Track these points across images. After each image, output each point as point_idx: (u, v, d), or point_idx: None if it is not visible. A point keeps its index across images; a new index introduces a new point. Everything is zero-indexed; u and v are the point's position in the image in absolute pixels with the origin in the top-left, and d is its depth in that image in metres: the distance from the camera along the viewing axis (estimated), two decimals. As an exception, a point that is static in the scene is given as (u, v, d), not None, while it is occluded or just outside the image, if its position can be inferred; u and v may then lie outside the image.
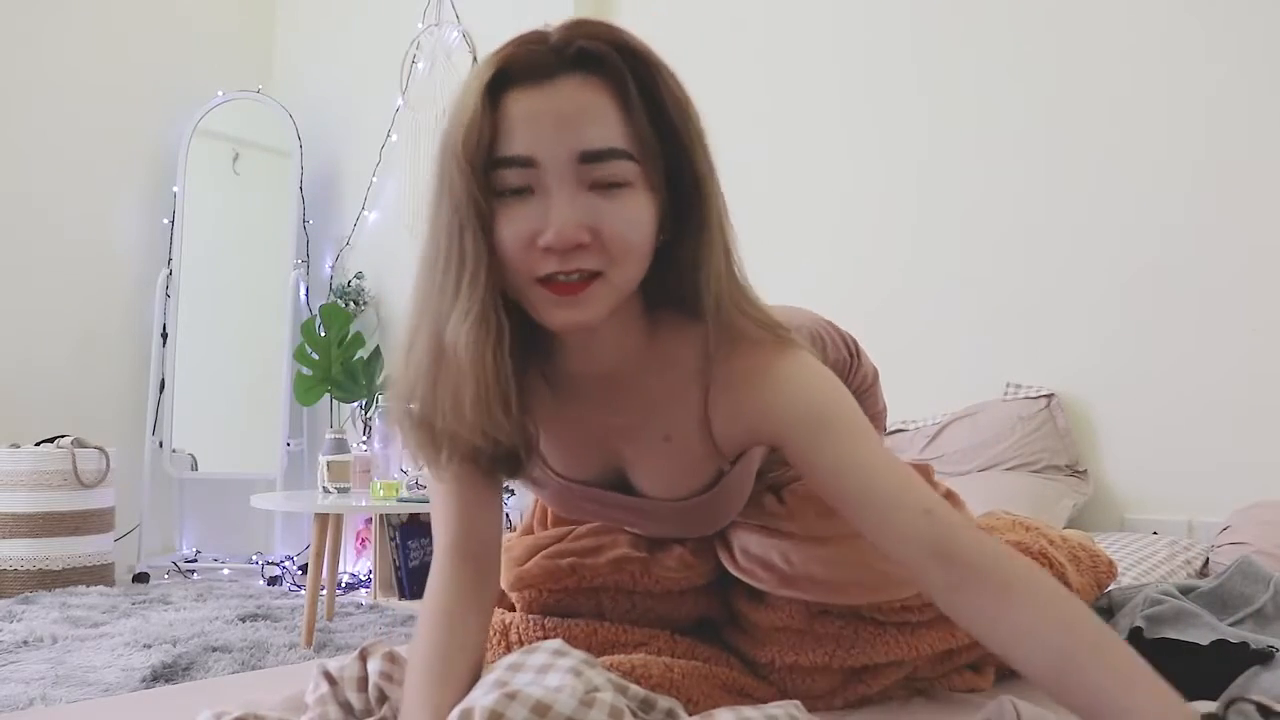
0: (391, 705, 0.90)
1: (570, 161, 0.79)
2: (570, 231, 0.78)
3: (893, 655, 1.06)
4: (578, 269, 0.79)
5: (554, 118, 0.79)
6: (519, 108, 0.80)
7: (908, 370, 2.82)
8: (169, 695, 1.25)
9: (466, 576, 0.91)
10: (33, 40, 3.94)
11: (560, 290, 0.80)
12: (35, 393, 3.89)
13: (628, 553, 1.11)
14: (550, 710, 0.73)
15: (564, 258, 0.79)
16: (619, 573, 1.10)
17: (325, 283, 4.30)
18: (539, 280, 0.80)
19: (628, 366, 0.91)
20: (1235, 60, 2.39)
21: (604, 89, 0.81)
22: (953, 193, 2.83)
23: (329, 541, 2.91)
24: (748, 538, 1.06)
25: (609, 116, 0.80)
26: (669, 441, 0.93)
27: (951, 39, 2.86)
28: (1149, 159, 2.51)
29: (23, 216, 3.91)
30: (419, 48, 4.06)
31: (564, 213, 0.78)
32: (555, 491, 1.04)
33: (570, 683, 0.76)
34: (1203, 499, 2.35)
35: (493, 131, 0.80)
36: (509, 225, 0.80)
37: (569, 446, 0.98)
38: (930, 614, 1.07)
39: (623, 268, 0.81)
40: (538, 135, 0.79)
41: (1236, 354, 2.36)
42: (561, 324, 0.82)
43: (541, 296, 0.81)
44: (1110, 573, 1.29)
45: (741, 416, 0.90)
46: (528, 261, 0.79)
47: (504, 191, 0.80)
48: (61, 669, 2.36)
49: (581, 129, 0.79)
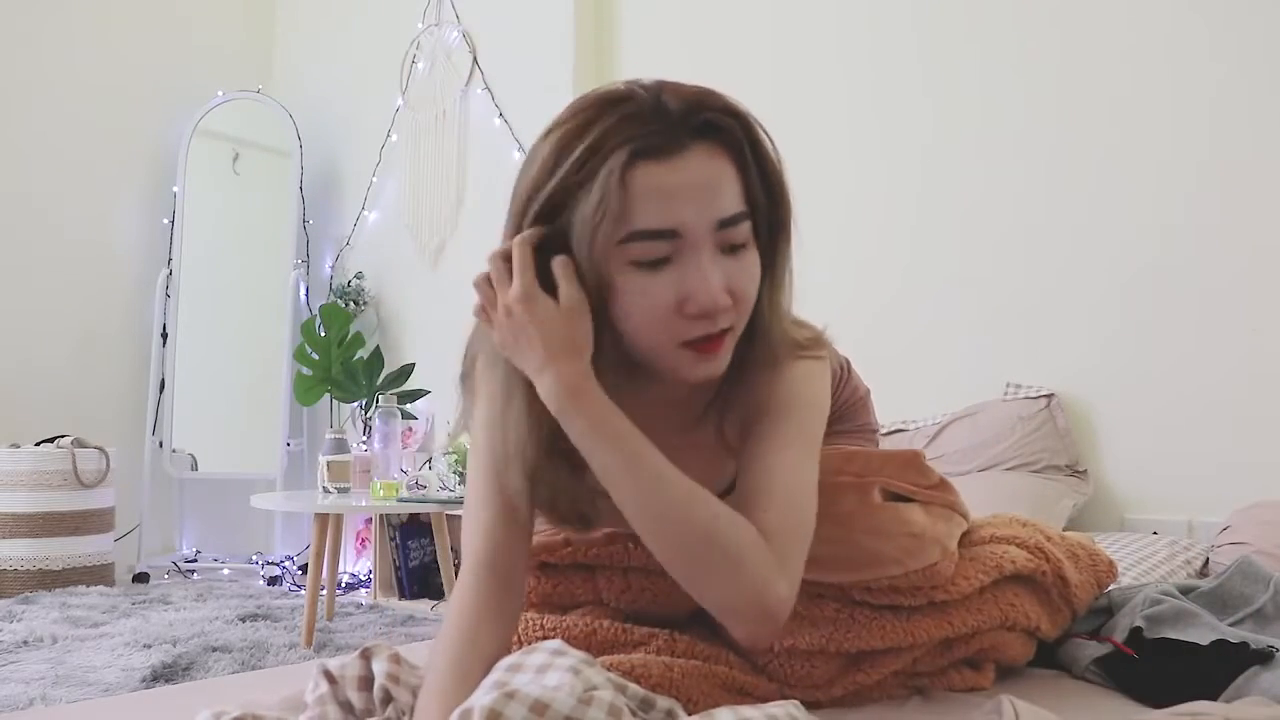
0: (396, 706, 0.90)
1: (710, 230, 0.82)
2: (721, 297, 0.82)
3: (889, 641, 1.06)
4: (721, 329, 0.84)
5: (694, 189, 0.82)
6: (652, 182, 0.81)
7: (908, 370, 2.83)
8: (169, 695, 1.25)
9: (492, 591, 0.93)
10: (33, 40, 3.95)
11: (706, 350, 0.85)
12: (35, 393, 3.89)
13: (618, 530, 1.11)
14: (549, 709, 0.73)
15: (713, 320, 0.83)
16: (613, 544, 1.11)
17: (325, 283, 4.30)
18: (683, 344, 0.84)
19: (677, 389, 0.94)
20: (1237, 60, 2.39)
21: (726, 156, 0.84)
22: (953, 193, 2.83)
23: (329, 541, 2.91)
24: None
25: (733, 183, 0.84)
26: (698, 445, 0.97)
27: (953, 39, 2.86)
28: (1149, 159, 2.51)
29: (23, 216, 3.91)
30: (419, 48, 4.06)
31: (714, 279, 0.82)
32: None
33: (569, 681, 0.76)
34: (1203, 499, 2.35)
35: (622, 208, 0.81)
36: (644, 296, 0.83)
37: None
38: (921, 599, 1.07)
39: (744, 320, 0.87)
40: (679, 207, 0.81)
41: (1236, 354, 2.36)
42: (702, 378, 0.87)
43: (686, 358, 0.85)
44: (1110, 572, 1.29)
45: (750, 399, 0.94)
46: (671, 328, 0.83)
47: (640, 263, 0.82)
48: (61, 669, 2.36)
49: (718, 198, 0.83)
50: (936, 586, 1.08)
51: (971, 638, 1.12)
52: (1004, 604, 1.13)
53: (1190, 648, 1.14)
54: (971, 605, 1.11)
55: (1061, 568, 1.19)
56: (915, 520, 1.07)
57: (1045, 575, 1.18)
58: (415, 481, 2.87)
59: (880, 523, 1.05)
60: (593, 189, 0.80)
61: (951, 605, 1.09)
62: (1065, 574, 1.19)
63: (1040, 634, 1.20)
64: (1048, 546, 1.20)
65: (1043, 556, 1.18)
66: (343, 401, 4.06)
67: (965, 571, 1.11)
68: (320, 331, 3.93)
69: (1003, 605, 1.13)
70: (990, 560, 1.13)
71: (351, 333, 3.94)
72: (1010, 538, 1.19)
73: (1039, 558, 1.18)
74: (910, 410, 2.75)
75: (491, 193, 3.83)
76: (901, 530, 1.05)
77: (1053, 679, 1.20)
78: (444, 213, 3.95)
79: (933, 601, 1.08)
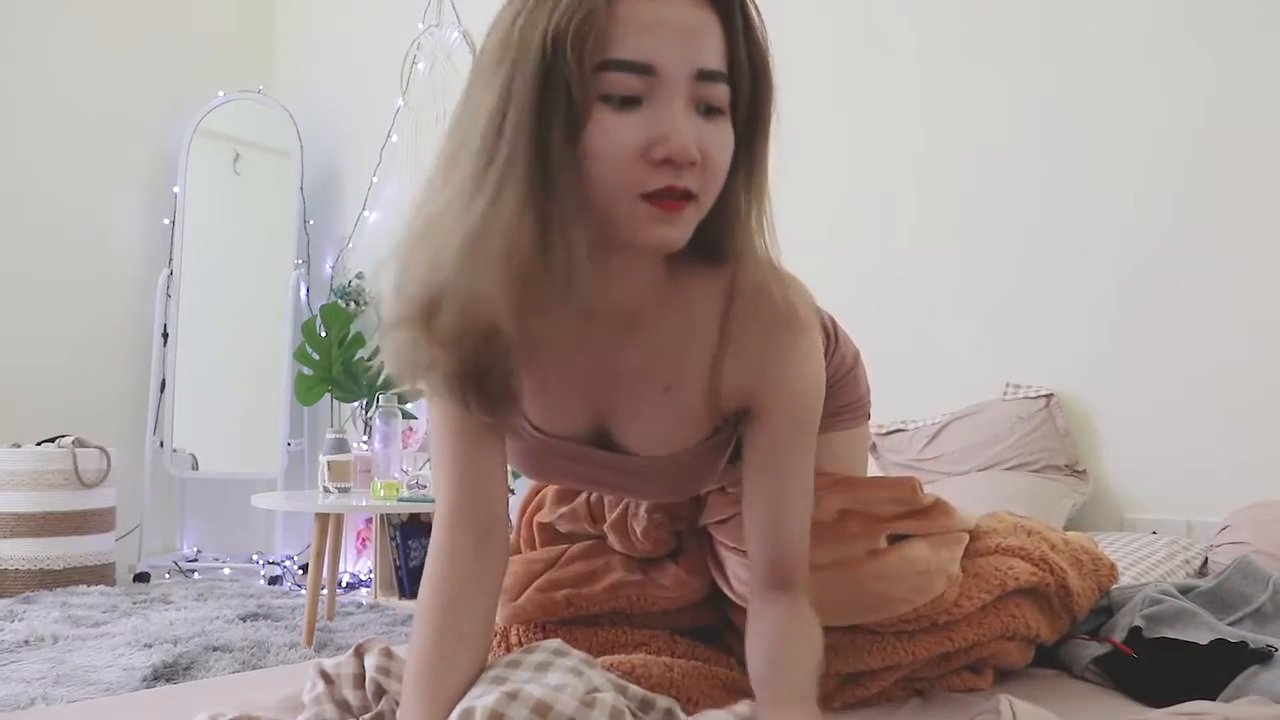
0: (390, 699, 0.90)
1: (688, 78, 0.77)
2: (691, 147, 0.75)
3: (889, 661, 1.06)
4: (685, 187, 0.76)
5: (676, 29, 0.76)
6: (639, 11, 0.76)
7: (908, 370, 2.83)
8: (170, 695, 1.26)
9: (467, 553, 0.88)
10: (33, 41, 3.95)
11: (666, 206, 0.77)
12: (36, 393, 3.89)
13: (623, 576, 1.10)
14: (551, 710, 0.72)
15: (678, 172, 0.76)
16: (615, 599, 1.10)
17: (326, 283, 4.30)
18: (644, 195, 0.76)
19: (647, 306, 0.88)
20: (1232, 60, 2.39)
21: (714, 13, 0.79)
22: (953, 193, 2.83)
23: (329, 541, 2.91)
24: (739, 565, 1.06)
25: (718, 40, 0.79)
26: (668, 392, 0.91)
27: (950, 38, 2.86)
28: (1147, 159, 2.51)
29: (23, 216, 3.91)
30: (419, 48, 4.06)
31: (685, 127, 0.76)
32: (531, 448, 0.97)
33: (571, 682, 0.76)
34: (1202, 499, 2.35)
35: (602, 33, 0.75)
36: (613, 134, 0.75)
37: (557, 398, 0.93)
38: (925, 624, 1.07)
39: (709, 194, 0.80)
40: (659, 44, 0.76)
41: (1236, 354, 2.36)
42: (657, 242, 0.78)
43: (643, 212, 0.77)
44: (1111, 575, 1.30)
45: (750, 373, 0.89)
46: (634, 174, 0.76)
47: (609, 98, 0.76)
48: (62, 668, 2.36)
49: (700, 46, 0.77)
50: (940, 611, 1.08)
51: (972, 649, 1.12)
52: (1005, 616, 1.12)
53: (1189, 647, 1.14)
54: (973, 620, 1.11)
55: (1065, 578, 1.18)
56: (920, 557, 1.06)
57: (1049, 587, 1.17)
58: (416, 481, 2.88)
59: (887, 567, 1.04)
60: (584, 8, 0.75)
61: (954, 623, 1.10)
62: (1069, 584, 1.19)
63: (1039, 640, 1.19)
64: (1052, 557, 1.19)
65: (1047, 569, 1.17)
66: (343, 401, 4.06)
67: (969, 591, 1.11)
68: (321, 332, 3.93)
69: (1004, 617, 1.12)
70: (994, 578, 1.13)
71: (352, 333, 3.94)
72: (1014, 549, 1.18)
73: (1043, 570, 1.17)
74: (910, 410, 2.75)
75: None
76: (909, 570, 1.05)
77: (1052, 678, 1.20)
78: (444, 213, 3.95)
79: (935, 624, 1.08)
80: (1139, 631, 1.18)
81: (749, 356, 0.89)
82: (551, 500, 1.20)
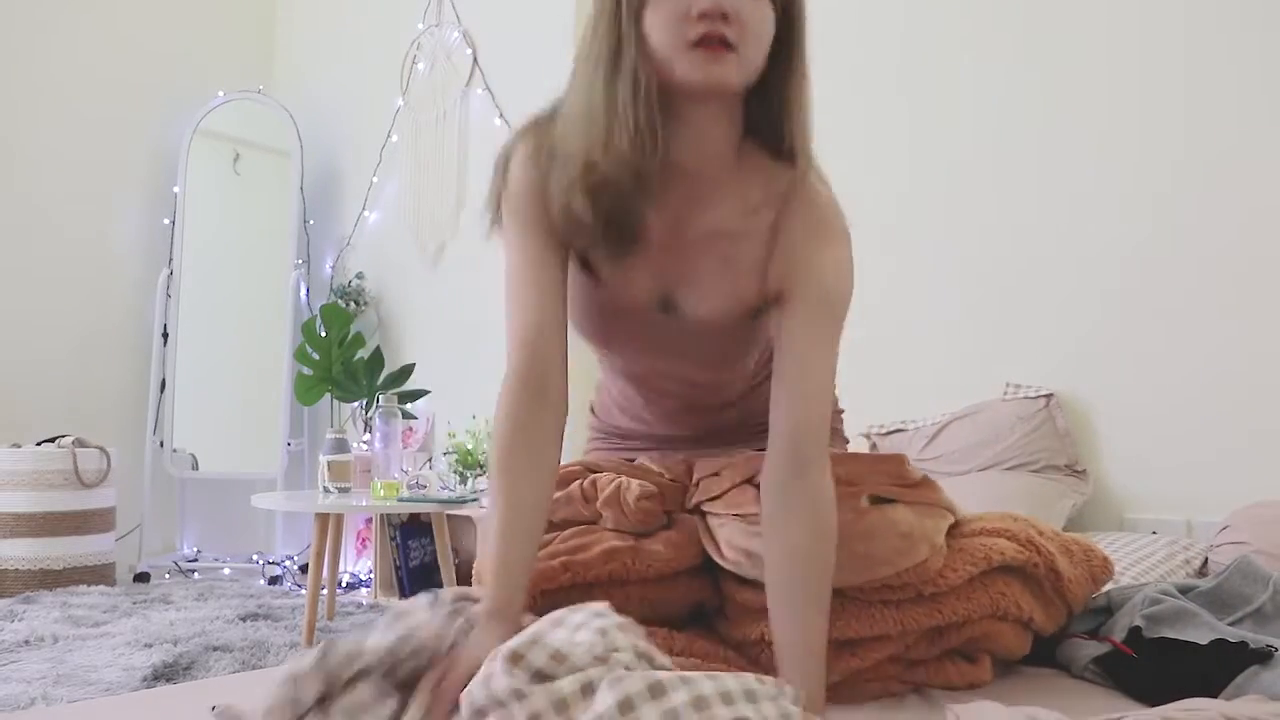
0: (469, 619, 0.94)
1: None
2: (720, 3, 0.97)
3: (880, 629, 1.08)
4: (722, 34, 0.97)
5: None
6: None
7: (908, 370, 2.83)
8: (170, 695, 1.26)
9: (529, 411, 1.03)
10: (34, 41, 3.95)
11: (710, 49, 0.97)
12: (36, 393, 3.89)
13: (616, 544, 1.14)
14: (567, 660, 0.78)
15: (713, 23, 0.97)
16: (611, 562, 1.12)
17: (325, 283, 4.30)
18: (691, 44, 0.97)
19: (721, 169, 1.08)
20: (1232, 60, 2.40)
21: None
22: (952, 193, 2.83)
23: (329, 541, 2.91)
24: (732, 531, 1.11)
25: None
26: (726, 263, 1.09)
27: (947, 37, 2.86)
28: (1147, 159, 2.51)
29: (23, 216, 3.91)
30: (419, 48, 4.06)
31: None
32: (602, 304, 1.13)
33: (592, 640, 0.81)
34: (1202, 499, 2.35)
35: None
36: (663, 6, 0.99)
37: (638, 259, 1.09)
38: (910, 593, 1.09)
39: (749, 52, 1.00)
40: None
41: (1236, 354, 2.36)
42: (709, 79, 0.99)
43: (694, 57, 0.98)
44: (1106, 568, 1.30)
45: (793, 260, 1.07)
46: (681, 30, 0.98)
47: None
48: (62, 668, 2.36)
49: None
50: (926, 581, 1.10)
51: (963, 626, 1.13)
52: (994, 593, 1.14)
53: (1189, 647, 1.15)
54: (961, 593, 1.12)
55: (1054, 560, 1.20)
56: (903, 520, 1.09)
57: (1037, 567, 1.18)
58: (415, 481, 2.88)
59: (870, 527, 1.07)
60: None
61: (941, 595, 1.11)
62: (1058, 566, 1.20)
63: (1035, 626, 1.20)
64: (1039, 540, 1.21)
65: (1033, 549, 1.19)
66: (343, 401, 4.06)
67: (954, 563, 1.13)
68: (321, 331, 3.93)
69: (993, 594, 1.14)
70: (979, 552, 1.15)
71: (352, 333, 3.94)
72: (1000, 530, 1.20)
73: (1029, 550, 1.18)
74: (910, 410, 2.75)
75: (492, 193, 3.83)
76: (891, 531, 1.07)
77: (1051, 678, 1.20)
78: (444, 213, 3.95)
79: (922, 595, 1.10)
80: (1139, 631, 1.18)
81: (794, 247, 1.07)
82: None
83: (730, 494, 1.14)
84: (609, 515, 1.18)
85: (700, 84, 0.99)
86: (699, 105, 1.03)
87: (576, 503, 1.21)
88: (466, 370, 3.82)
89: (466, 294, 3.84)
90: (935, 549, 1.10)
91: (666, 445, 1.32)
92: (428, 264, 4.00)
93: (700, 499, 1.19)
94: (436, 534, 3.04)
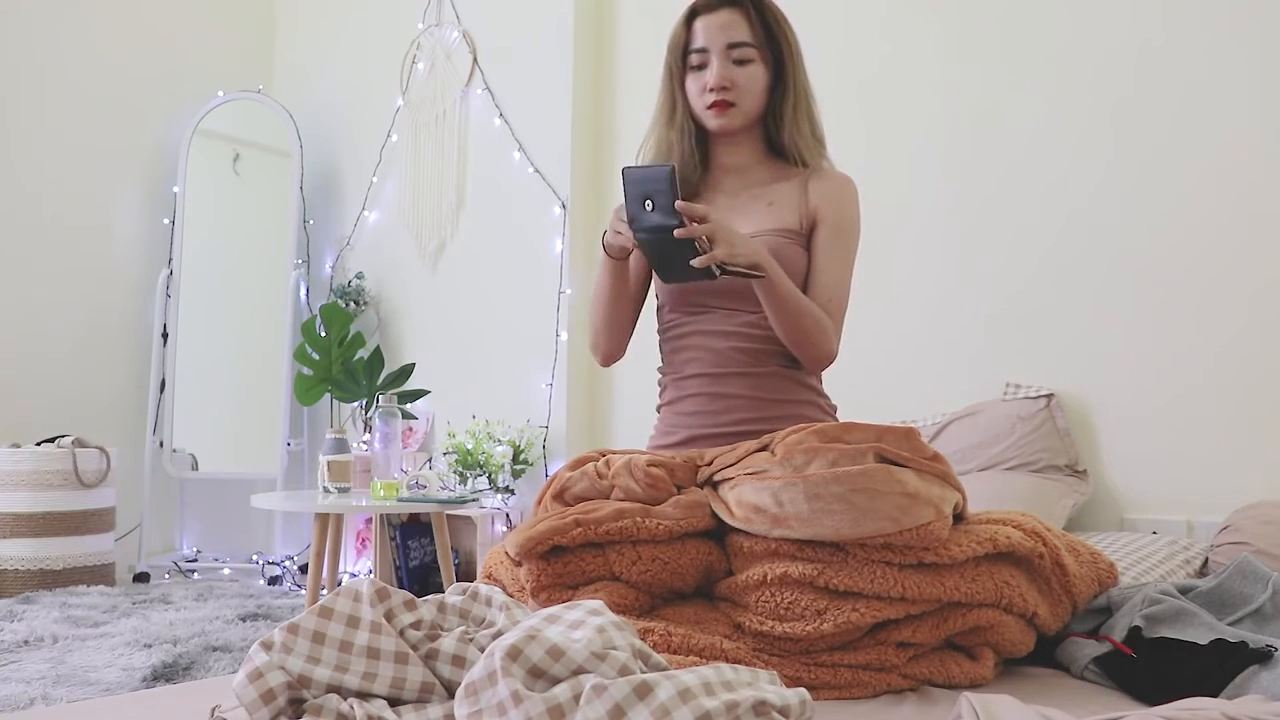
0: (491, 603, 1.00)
1: (722, 48, 1.56)
2: (721, 79, 1.56)
3: (879, 588, 1.09)
4: (723, 97, 1.56)
5: (716, 26, 1.57)
6: (698, 24, 1.59)
7: (908, 370, 2.83)
8: (169, 695, 1.26)
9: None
10: (33, 41, 3.95)
11: (716, 107, 1.57)
12: (36, 393, 3.89)
13: (626, 505, 1.20)
14: (564, 655, 0.80)
15: (719, 91, 1.56)
16: (621, 519, 1.17)
17: (325, 283, 4.30)
18: (708, 106, 1.58)
19: (754, 168, 1.64)
20: (1236, 58, 2.40)
21: (741, 14, 1.57)
22: (952, 193, 2.83)
23: (329, 541, 2.91)
24: (742, 488, 1.16)
25: (743, 27, 1.57)
26: (771, 206, 1.60)
27: (953, 39, 2.86)
28: (1147, 159, 2.51)
29: (23, 216, 3.91)
30: (419, 48, 4.06)
31: (719, 71, 1.56)
32: None
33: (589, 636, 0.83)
34: (1202, 499, 2.35)
35: (687, 38, 1.60)
36: (694, 81, 1.60)
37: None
38: (912, 558, 1.10)
39: (746, 104, 1.58)
40: (708, 36, 1.57)
41: (1236, 354, 2.36)
42: (719, 127, 1.60)
43: (709, 113, 1.58)
44: (1111, 573, 1.30)
45: (825, 191, 1.60)
46: (702, 96, 1.58)
47: (693, 67, 1.59)
48: (62, 668, 2.36)
49: (730, 31, 1.56)
50: (928, 548, 1.11)
51: (967, 612, 1.13)
52: (999, 580, 1.14)
53: (1189, 647, 1.15)
54: (966, 573, 1.13)
55: (1060, 555, 1.21)
56: (908, 480, 1.10)
57: (1043, 559, 1.19)
58: (415, 481, 2.88)
59: (874, 481, 1.08)
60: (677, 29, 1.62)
61: (944, 568, 1.11)
62: (1063, 561, 1.21)
63: (1039, 623, 1.20)
64: (1046, 534, 1.22)
65: (1040, 540, 1.20)
66: (343, 401, 4.06)
67: (959, 540, 1.14)
68: (320, 331, 3.93)
69: (998, 581, 1.14)
70: (985, 534, 1.16)
71: (352, 333, 3.94)
72: (1007, 519, 1.21)
73: (1036, 540, 1.19)
74: (910, 410, 2.75)
75: (491, 193, 3.83)
76: (895, 489, 1.08)
77: (1052, 678, 1.20)
78: (444, 213, 3.95)
79: (923, 563, 1.10)
80: (1139, 631, 1.19)
81: (819, 190, 1.60)
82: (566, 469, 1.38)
83: (745, 460, 1.22)
84: (620, 485, 1.25)
85: (716, 129, 1.61)
86: (723, 136, 1.63)
87: (591, 477, 1.30)
88: (466, 370, 3.82)
89: (466, 294, 3.84)
90: (941, 516, 1.11)
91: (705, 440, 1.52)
92: (427, 264, 4.00)
93: (713, 471, 1.27)
94: (436, 534, 3.04)
